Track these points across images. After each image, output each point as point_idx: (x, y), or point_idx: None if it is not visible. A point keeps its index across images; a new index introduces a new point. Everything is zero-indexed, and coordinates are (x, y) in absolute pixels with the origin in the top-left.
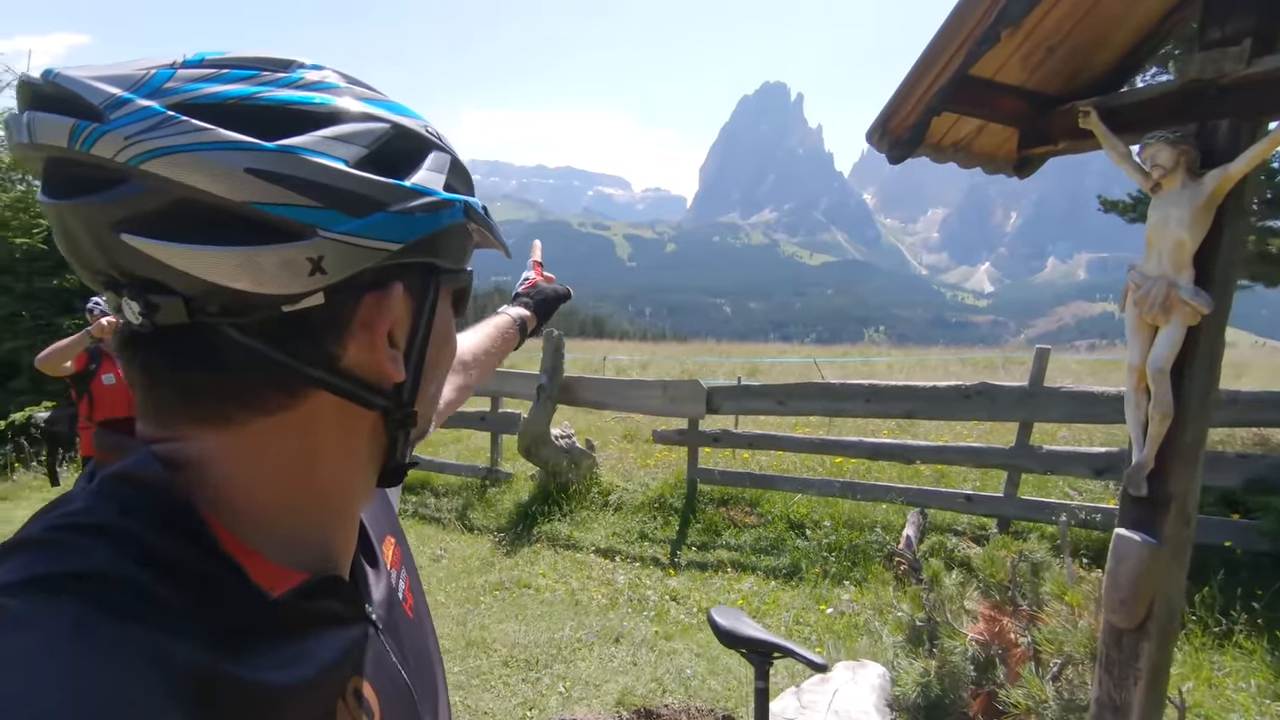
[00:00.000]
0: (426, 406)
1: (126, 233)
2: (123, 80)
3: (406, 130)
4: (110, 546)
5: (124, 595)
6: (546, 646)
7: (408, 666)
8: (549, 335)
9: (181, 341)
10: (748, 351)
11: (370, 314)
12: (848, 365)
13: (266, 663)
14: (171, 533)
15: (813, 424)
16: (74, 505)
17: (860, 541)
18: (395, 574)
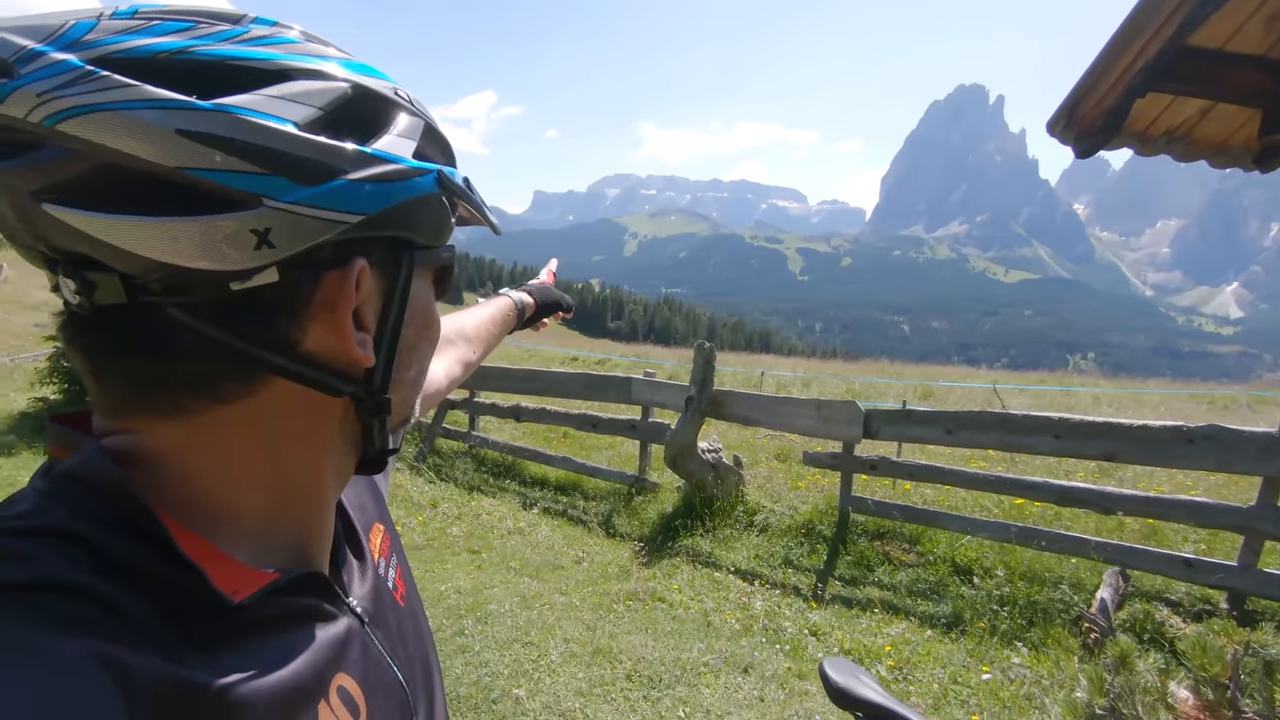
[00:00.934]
0: (406, 392)
1: (48, 202)
2: (36, 31)
3: (369, 91)
4: (59, 553)
5: (76, 606)
6: (672, 666)
7: (398, 658)
8: (700, 346)
9: (123, 324)
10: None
11: (333, 294)
12: (1043, 395)
13: (238, 668)
14: (126, 536)
15: (990, 458)
16: (20, 507)
17: (1040, 598)
18: (384, 563)
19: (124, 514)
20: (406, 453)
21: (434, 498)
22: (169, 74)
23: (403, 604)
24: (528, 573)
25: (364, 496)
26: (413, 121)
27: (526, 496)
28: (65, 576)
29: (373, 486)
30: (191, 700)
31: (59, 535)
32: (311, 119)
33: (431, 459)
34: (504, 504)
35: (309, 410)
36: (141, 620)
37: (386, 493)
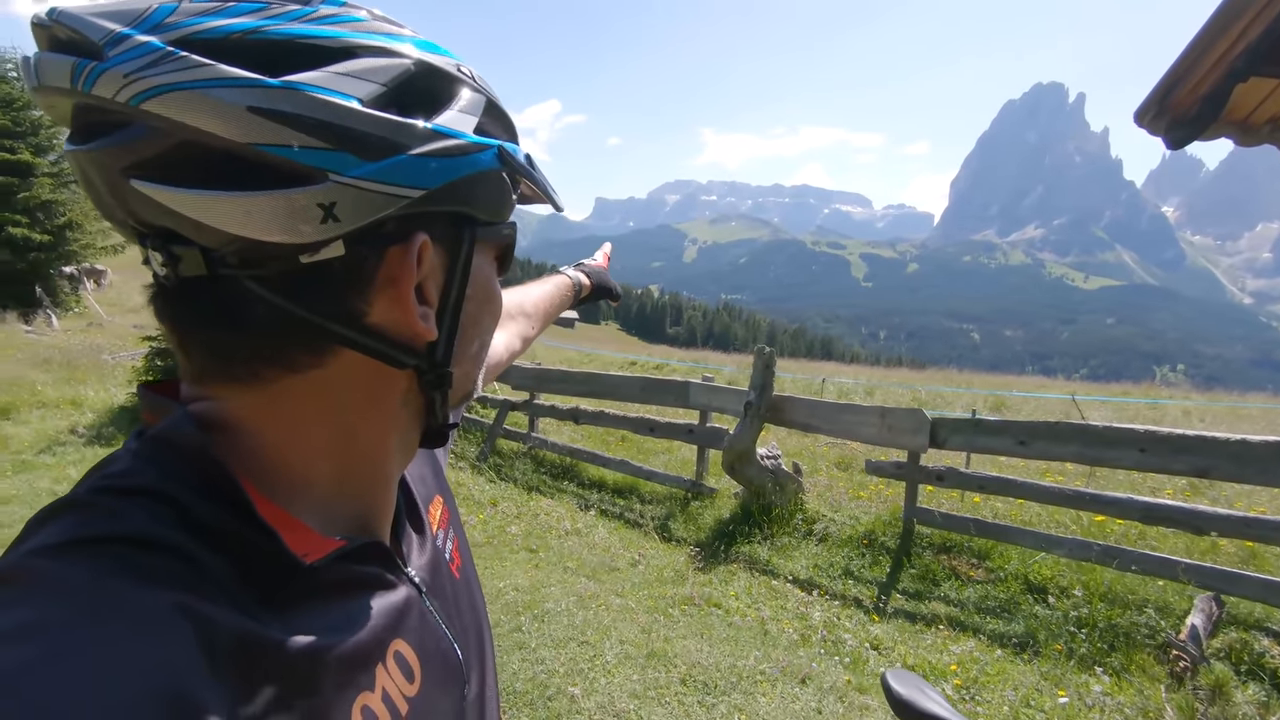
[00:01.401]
0: (468, 366)
1: (136, 179)
2: (123, 15)
3: (432, 67)
4: (148, 510)
5: (162, 559)
6: (727, 673)
7: (453, 627)
8: (760, 351)
9: (204, 295)
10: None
11: (395, 268)
12: (1127, 408)
13: (306, 628)
14: (210, 497)
15: (1067, 472)
16: (116, 467)
17: (1122, 621)
18: (443, 534)
19: (207, 477)
20: (468, 452)
21: (494, 496)
22: (242, 53)
23: (458, 575)
24: (584, 573)
25: (424, 469)
26: (475, 97)
27: (584, 498)
28: (153, 532)
29: (433, 460)
30: (264, 654)
31: (148, 494)
32: (376, 95)
33: (492, 459)
34: (562, 505)
35: (374, 382)
36: (222, 577)
37: (445, 465)
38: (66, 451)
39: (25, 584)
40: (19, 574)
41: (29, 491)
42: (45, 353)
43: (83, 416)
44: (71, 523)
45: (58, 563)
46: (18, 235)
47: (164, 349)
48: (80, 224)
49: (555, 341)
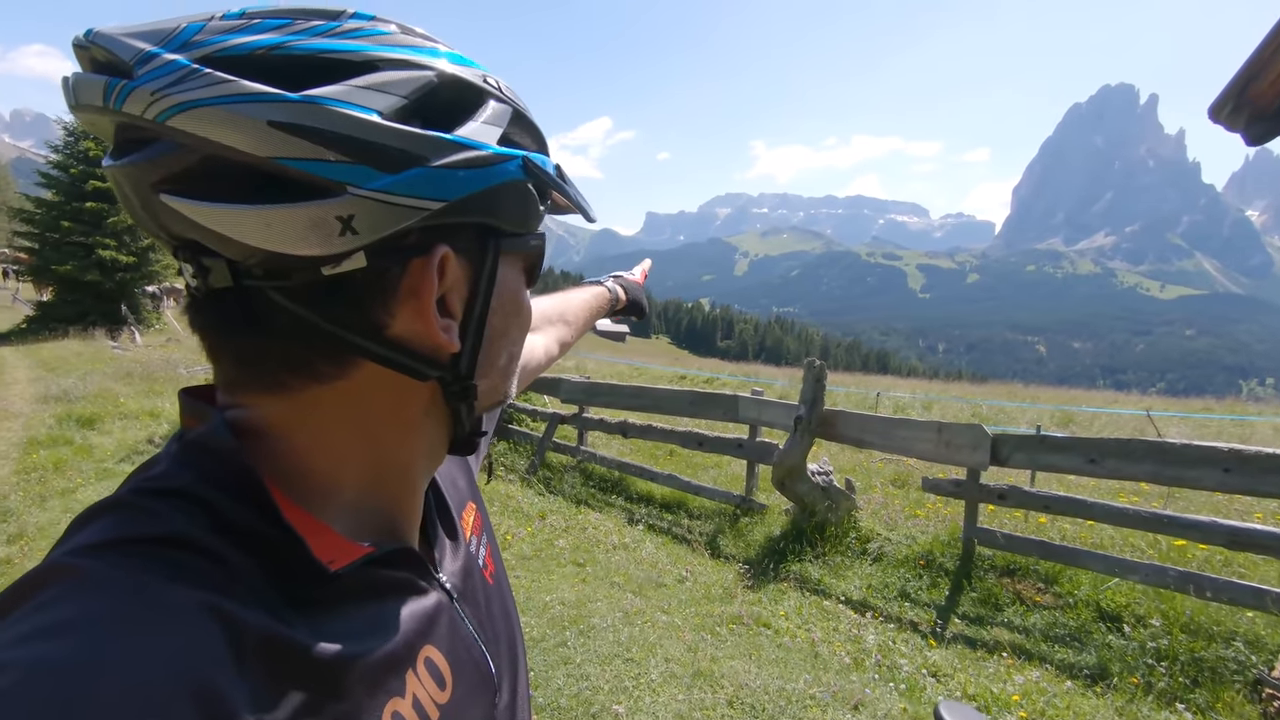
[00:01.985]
0: (495, 378)
1: (164, 193)
2: (153, 35)
3: (454, 79)
4: (184, 512)
5: (194, 559)
6: (776, 696)
7: (484, 634)
8: (810, 364)
9: (231, 306)
10: (1063, 398)
11: (416, 280)
12: (1209, 424)
13: (335, 632)
14: (241, 502)
15: (1143, 492)
16: (155, 469)
17: (1207, 655)
18: (476, 540)
19: (239, 481)
20: (518, 465)
21: (543, 510)
22: (265, 68)
23: (491, 582)
24: (631, 588)
25: (457, 475)
26: (500, 108)
27: (632, 512)
28: (186, 533)
29: (465, 467)
30: (292, 656)
31: (184, 496)
32: (397, 107)
33: (541, 472)
34: (610, 519)
35: (397, 393)
36: (251, 579)
37: (477, 470)
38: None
39: (66, 582)
40: (61, 572)
41: None
42: (128, 366)
43: (159, 427)
44: (112, 522)
45: (97, 561)
46: (107, 257)
47: None
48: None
49: (605, 355)
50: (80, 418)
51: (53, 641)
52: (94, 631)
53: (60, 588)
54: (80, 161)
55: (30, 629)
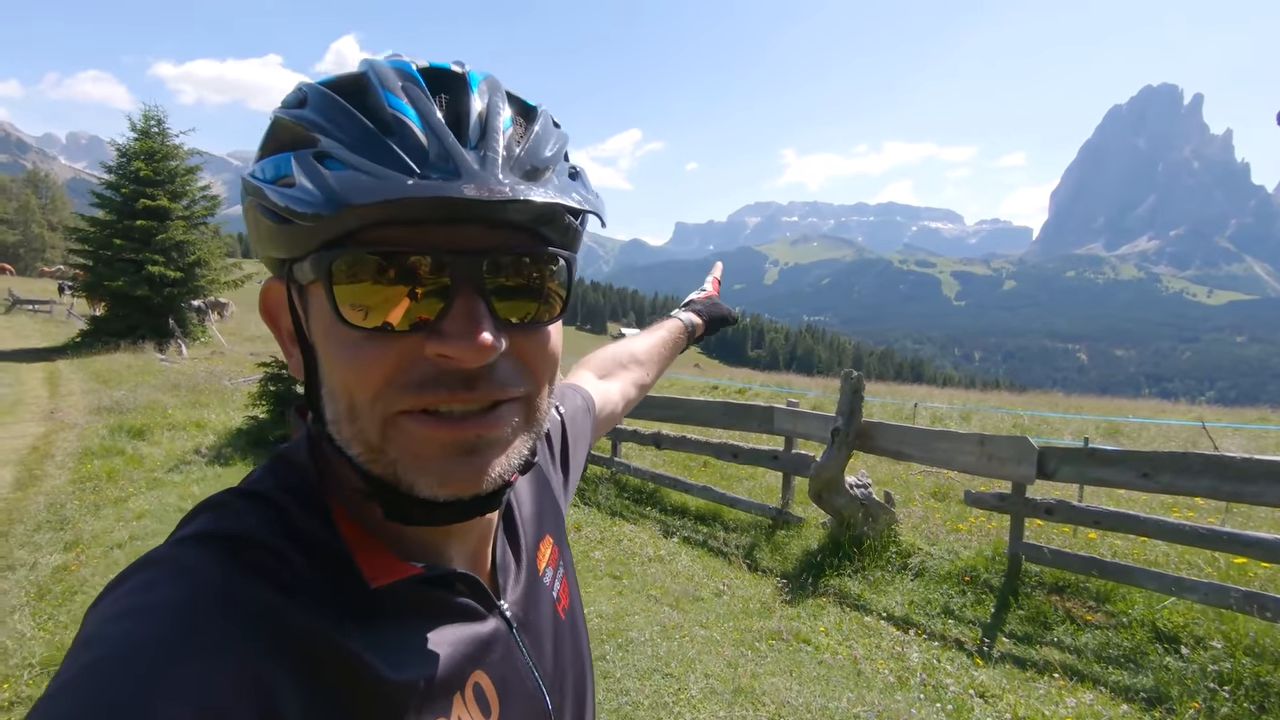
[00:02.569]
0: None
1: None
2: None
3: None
4: (263, 515)
5: (263, 559)
6: (819, 714)
7: (543, 667)
8: (847, 375)
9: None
10: (1107, 408)
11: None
12: (1266, 435)
13: (386, 644)
14: (311, 512)
15: (1198, 507)
16: (252, 475)
17: (1273, 680)
18: (550, 573)
19: (309, 493)
20: None
21: (578, 521)
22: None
23: (564, 617)
24: (668, 602)
25: (543, 508)
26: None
27: (667, 524)
28: (260, 533)
29: (551, 500)
30: (340, 663)
31: (265, 500)
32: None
33: None
34: (644, 531)
35: None
36: (312, 582)
37: (566, 508)
38: (191, 470)
39: (163, 568)
40: (161, 559)
41: (159, 507)
42: (175, 378)
43: (205, 438)
44: (208, 518)
45: (188, 552)
46: (155, 273)
47: (277, 375)
48: (207, 261)
49: None
50: (131, 428)
51: (135, 623)
52: (165, 620)
53: (152, 574)
54: (131, 181)
55: (123, 607)
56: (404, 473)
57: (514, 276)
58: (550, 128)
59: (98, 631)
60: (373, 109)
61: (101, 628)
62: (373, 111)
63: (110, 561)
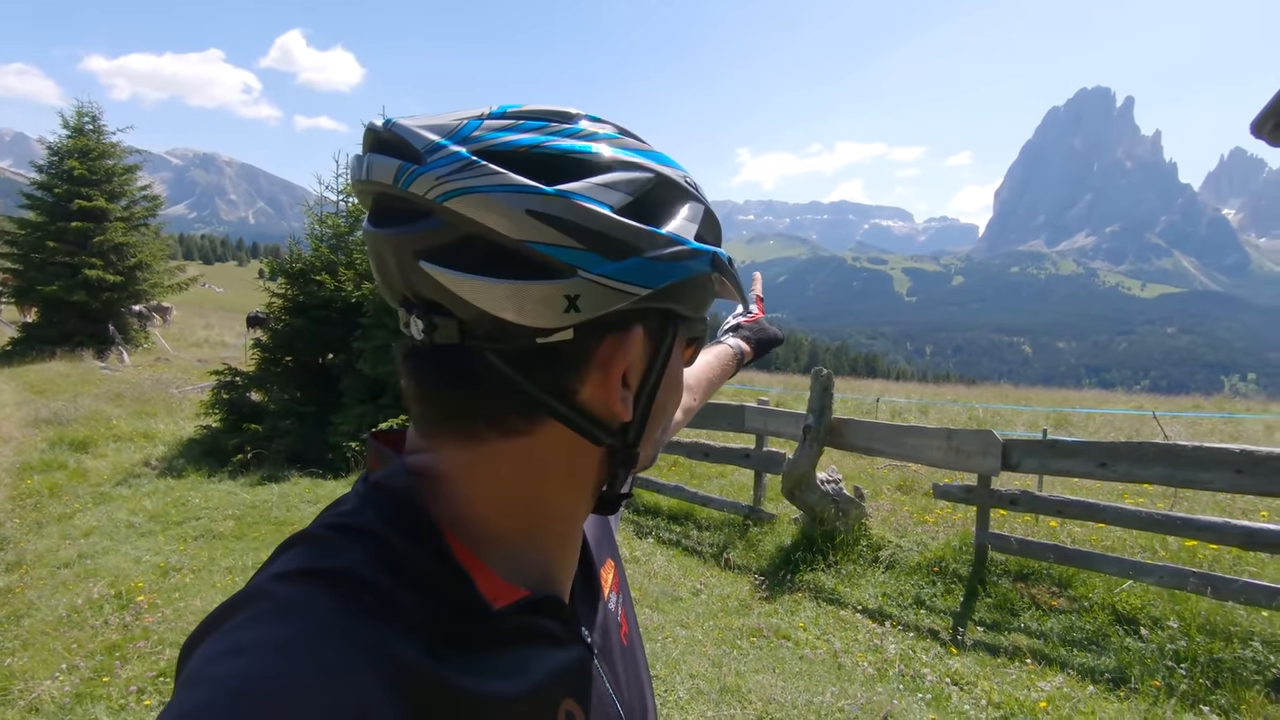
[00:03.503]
0: (651, 448)
1: (424, 260)
2: (441, 129)
3: (667, 180)
4: (365, 549)
5: (369, 595)
6: (805, 710)
7: (620, 695)
8: (817, 373)
9: (450, 360)
10: (1054, 399)
11: (609, 353)
12: (1200, 422)
13: (484, 672)
14: (417, 542)
15: (1148, 494)
16: (345, 506)
17: (1226, 655)
18: (615, 599)
19: (415, 522)
20: None
21: None
22: (527, 163)
23: (626, 643)
24: (647, 603)
25: (600, 533)
26: (697, 207)
27: (640, 525)
28: (362, 568)
29: (605, 525)
30: (443, 696)
31: (364, 533)
32: (624, 203)
33: None
34: (619, 533)
35: (571, 453)
36: (416, 617)
37: (616, 530)
38: (141, 483)
39: (259, 606)
40: (257, 598)
41: (108, 523)
42: (118, 387)
43: (155, 449)
44: (302, 553)
45: (293, 589)
46: (93, 276)
47: (228, 383)
48: (149, 264)
49: None
50: (73, 441)
51: (244, 661)
52: (275, 657)
53: (256, 610)
54: (65, 181)
55: (229, 646)
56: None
57: None
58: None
59: (207, 671)
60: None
61: (210, 667)
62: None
63: (58, 582)
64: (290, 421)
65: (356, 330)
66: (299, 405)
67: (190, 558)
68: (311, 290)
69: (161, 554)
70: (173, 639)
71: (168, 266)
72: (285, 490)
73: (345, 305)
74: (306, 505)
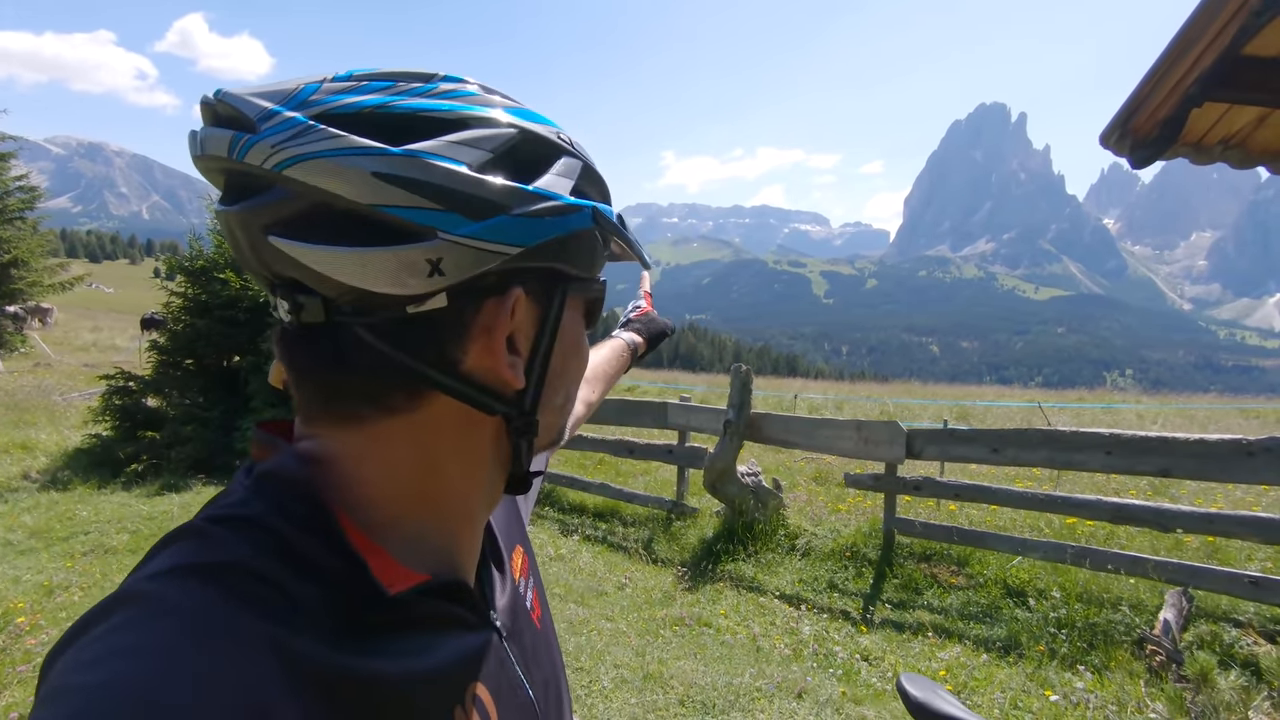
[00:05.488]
0: (553, 415)
1: (273, 235)
2: (275, 95)
3: (533, 135)
4: (252, 540)
5: (257, 588)
6: (724, 691)
7: (530, 676)
8: (736, 370)
9: (320, 339)
10: (958, 394)
11: (490, 318)
12: (1084, 413)
13: (385, 657)
14: (308, 530)
15: (1035, 477)
16: (230, 498)
17: (1099, 620)
18: (524, 583)
19: (308, 510)
20: None
21: None
22: (372, 125)
23: (539, 626)
24: (573, 599)
25: (509, 518)
26: (572, 162)
27: (565, 523)
28: (251, 560)
29: (515, 511)
30: (344, 687)
31: (253, 524)
32: (483, 161)
33: None
34: (544, 531)
35: (464, 426)
36: (310, 607)
37: (528, 517)
38: (20, 498)
39: (136, 607)
40: (132, 599)
41: None
42: None
43: (35, 461)
44: (184, 549)
45: (170, 587)
46: None
47: (121, 388)
48: (26, 261)
49: None
50: None
51: (118, 665)
52: (156, 659)
53: (130, 612)
54: None
55: (100, 651)
56: (559, 442)
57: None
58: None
59: (69, 683)
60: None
61: (73, 678)
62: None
63: None
64: (192, 428)
65: (265, 331)
66: (202, 410)
67: (79, 575)
68: (215, 289)
69: (45, 572)
70: None
71: (48, 264)
72: (188, 500)
73: (252, 305)
74: None
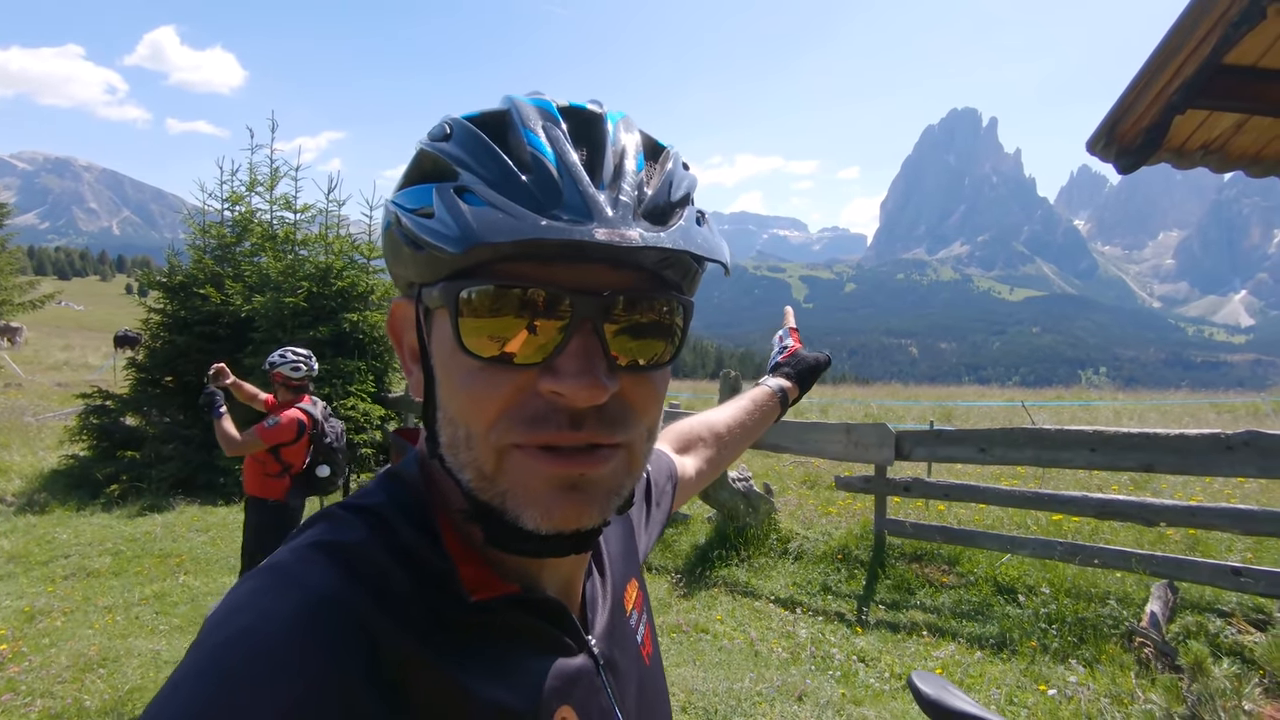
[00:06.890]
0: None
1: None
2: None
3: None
4: (370, 528)
5: (367, 568)
6: (725, 697)
7: (626, 709)
8: (725, 375)
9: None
10: (940, 394)
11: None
12: (1062, 411)
13: (474, 663)
14: (414, 524)
15: (1020, 475)
16: (362, 490)
17: (1089, 614)
18: (637, 616)
19: (414, 509)
20: None
21: None
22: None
23: (648, 663)
24: None
25: (626, 551)
26: (421, 151)
27: None
28: (364, 544)
29: (632, 544)
30: (426, 679)
31: (372, 514)
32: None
33: None
34: None
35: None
36: (407, 593)
37: (644, 554)
38: None
39: (274, 577)
40: (275, 568)
41: None
42: None
43: (9, 483)
44: (321, 529)
45: (302, 562)
46: None
47: (98, 407)
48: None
49: None
50: None
51: (245, 623)
52: (273, 627)
53: (263, 581)
54: None
55: (230, 611)
56: (511, 503)
57: (631, 317)
58: (680, 169)
59: (204, 636)
60: (513, 147)
61: (209, 633)
62: (513, 149)
63: None
64: (173, 446)
65: (248, 345)
66: (183, 428)
67: (61, 599)
68: (195, 304)
69: (25, 597)
70: (44, 688)
71: (17, 282)
72: (170, 520)
73: (234, 320)
74: (196, 534)
